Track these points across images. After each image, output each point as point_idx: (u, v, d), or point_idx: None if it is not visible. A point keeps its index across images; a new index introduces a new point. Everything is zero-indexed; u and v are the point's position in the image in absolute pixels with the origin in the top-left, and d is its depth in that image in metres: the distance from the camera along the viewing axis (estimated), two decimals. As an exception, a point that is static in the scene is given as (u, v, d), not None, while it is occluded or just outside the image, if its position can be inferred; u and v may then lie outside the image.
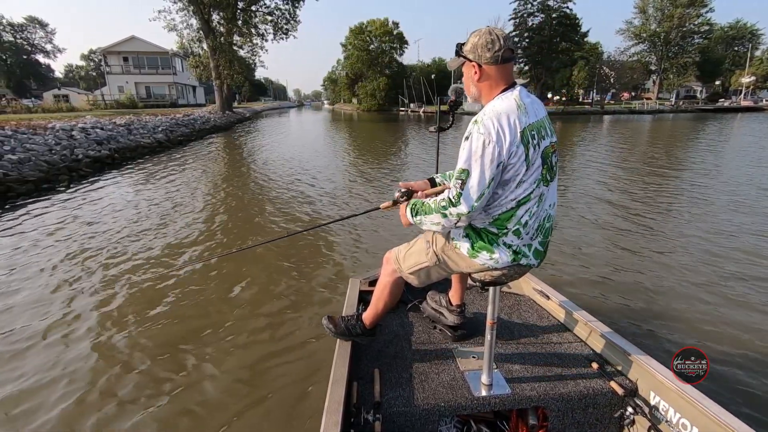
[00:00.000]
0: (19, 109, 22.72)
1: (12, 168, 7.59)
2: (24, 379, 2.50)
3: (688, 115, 40.59)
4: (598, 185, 7.97)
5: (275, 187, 8.08)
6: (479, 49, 1.35)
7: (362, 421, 1.50)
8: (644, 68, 53.92)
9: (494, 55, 1.33)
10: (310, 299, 3.52)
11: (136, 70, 40.77)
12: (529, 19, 47.42)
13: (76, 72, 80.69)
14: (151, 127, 16.11)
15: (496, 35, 1.34)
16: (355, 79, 60.31)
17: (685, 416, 1.48)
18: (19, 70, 55.21)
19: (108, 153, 10.97)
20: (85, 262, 4.25)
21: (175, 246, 4.72)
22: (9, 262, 4.24)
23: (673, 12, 48.96)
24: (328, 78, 78.18)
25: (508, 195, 1.36)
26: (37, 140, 9.59)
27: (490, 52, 1.33)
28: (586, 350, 1.96)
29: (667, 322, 3.09)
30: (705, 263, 4.15)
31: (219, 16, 28.27)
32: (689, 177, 8.66)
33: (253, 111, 45.29)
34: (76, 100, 37.37)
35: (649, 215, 5.88)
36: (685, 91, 59.20)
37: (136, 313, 3.26)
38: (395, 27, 57.59)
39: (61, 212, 6.10)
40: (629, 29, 53.70)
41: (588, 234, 5.12)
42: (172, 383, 2.47)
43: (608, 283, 3.75)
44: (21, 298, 3.51)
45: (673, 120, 32.30)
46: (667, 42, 50.91)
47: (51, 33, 58.94)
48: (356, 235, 5.12)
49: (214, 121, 24.23)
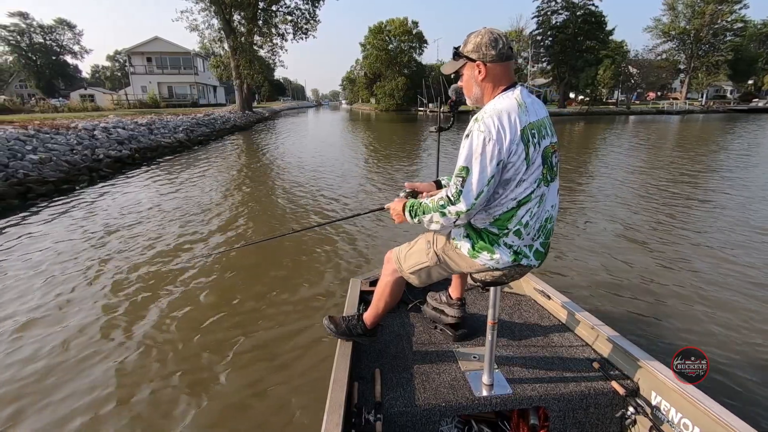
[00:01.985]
0: (46, 109, 23.30)
1: (33, 168, 7.54)
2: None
3: (719, 115, 39.13)
4: (612, 187, 7.78)
5: (289, 187, 7.84)
6: (483, 47, 1.35)
7: (363, 422, 1.49)
8: (673, 67, 52.04)
9: (499, 53, 1.34)
10: (310, 299, 3.49)
11: (159, 70, 41.46)
12: (552, 17, 46.39)
13: (102, 72, 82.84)
14: (172, 126, 16.15)
15: (498, 34, 1.35)
16: (374, 78, 60.04)
17: (686, 416, 1.46)
18: (49, 70, 56.91)
19: (129, 153, 10.94)
20: (101, 264, 4.06)
21: (178, 244, 4.64)
22: (41, 260, 4.09)
23: (704, 8, 47.11)
24: (347, 78, 78.18)
25: (509, 194, 1.36)
26: (59, 140, 9.58)
27: (495, 50, 1.34)
28: (587, 350, 1.95)
29: (669, 322, 3.08)
30: (707, 264, 4.11)
31: (240, 16, 28.44)
32: (712, 182, 8.15)
33: (272, 111, 45.54)
34: (101, 99, 38.33)
35: (660, 219, 5.73)
36: (714, 90, 56.97)
37: (136, 312, 3.23)
38: (414, 26, 57.12)
39: (79, 212, 5.95)
40: (657, 27, 51.93)
41: (589, 234, 5.12)
42: (172, 382, 2.46)
43: (610, 283, 3.73)
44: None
45: (704, 121, 30.99)
46: (698, 40, 49.02)
47: (79, 34, 60.61)
48: (359, 235, 5.09)
49: (234, 120, 24.30)
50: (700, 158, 11.52)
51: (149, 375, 2.52)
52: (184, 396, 2.35)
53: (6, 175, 6.88)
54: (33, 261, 4.27)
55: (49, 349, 2.79)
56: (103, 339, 2.92)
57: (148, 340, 2.88)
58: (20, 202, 6.47)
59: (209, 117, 21.96)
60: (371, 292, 1.97)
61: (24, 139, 8.70)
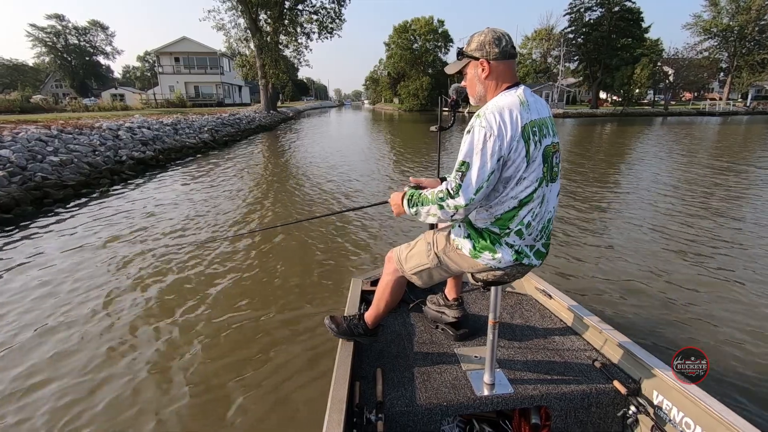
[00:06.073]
0: (78, 108, 23.59)
1: (52, 171, 7.16)
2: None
3: (766, 117, 36.65)
4: (628, 190, 7.39)
5: (313, 185, 7.22)
6: (487, 45, 1.35)
7: (365, 421, 1.47)
8: (714, 66, 49.29)
9: (503, 50, 1.34)
10: (311, 298, 3.46)
11: (186, 70, 41.96)
12: (586, 14, 44.66)
13: (132, 72, 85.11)
14: (197, 126, 15.86)
15: (501, 32, 1.36)
16: (398, 78, 59.33)
17: (688, 415, 1.44)
18: (82, 70, 58.77)
19: (153, 154, 10.58)
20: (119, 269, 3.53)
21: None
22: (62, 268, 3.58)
23: (750, 4, 44.44)
24: (370, 77, 77.80)
25: (509, 192, 1.34)
26: (82, 140, 9.24)
27: (498, 48, 1.34)
28: (588, 349, 1.93)
29: (671, 321, 3.06)
30: (710, 267, 4.07)
31: (266, 15, 28.28)
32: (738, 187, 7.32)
33: (295, 110, 45.48)
34: (130, 99, 39.06)
35: (671, 223, 5.59)
36: (755, 91, 53.75)
37: (139, 307, 3.27)
38: (440, 25, 56.19)
39: (92, 218, 5.48)
40: (697, 23, 49.29)
41: (591, 235, 5.10)
42: (171, 378, 2.46)
43: (611, 282, 3.71)
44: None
45: (751, 123, 28.95)
46: (742, 37, 46.28)
47: (111, 36, 62.42)
48: (362, 235, 5.05)
49: (259, 120, 24.05)
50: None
51: (150, 374, 2.52)
52: (183, 391, 2.35)
53: (23, 178, 6.49)
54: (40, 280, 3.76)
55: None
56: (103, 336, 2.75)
57: (149, 339, 2.88)
58: (34, 209, 6.01)
59: (234, 117, 21.71)
60: (372, 291, 1.97)
61: (45, 140, 8.37)
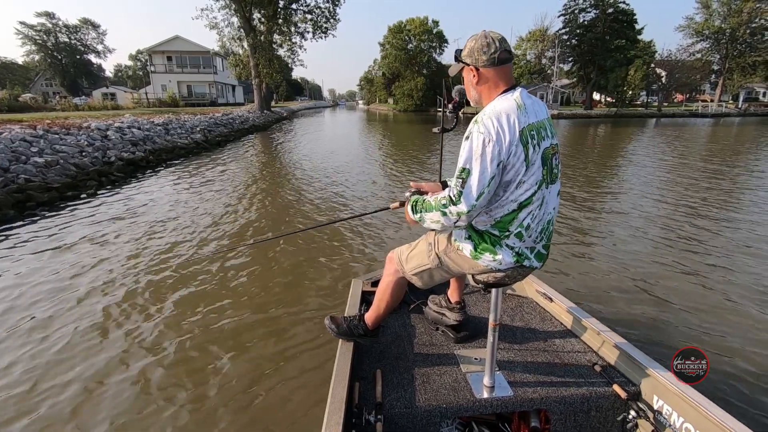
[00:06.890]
0: (67, 107, 23.13)
1: (36, 173, 6.90)
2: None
3: (758, 119, 36.98)
4: (627, 191, 7.40)
5: (312, 196, 7.04)
6: (475, 52, 1.35)
7: (364, 422, 1.47)
8: (707, 68, 49.68)
9: (490, 58, 1.34)
10: (312, 298, 3.47)
11: (179, 69, 41.44)
12: (580, 16, 44.77)
13: (124, 72, 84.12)
14: (189, 126, 15.59)
15: (491, 38, 1.35)
16: (392, 78, 59.18)
17: (688, 420, 1.43)
18: (73, 69, 57.79)
19: (143, 155, 10.32)
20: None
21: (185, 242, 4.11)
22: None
23: (741, 6, 44.85)
24: (365, 78, 77.57)
25: (509, 196, 1.34)
26: (69, 141, 8.97)
27: (486, 55, 1.34)
28: (588, 353, 1.92)
29: (671, 324, 3.07)
30: (711, 268, 4.07)
31: (260, 14, 27.99)
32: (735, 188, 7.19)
33: (289, 110, 45.14)
34: (122, 98, 38.46)
35: (667, 225, 5.60)
36: (746, 92, 54.28)
37: (140, 309, 3.27)
38: (435, 26, 56.14)
39: (77, 222, 5.27)
40: (690, 26, 49.65)
41: (592, 235, 5.12)
42: (170, 379, 2.46)
43: (612, 285, 3.71)
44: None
45: (743, 125, 29.17)
46: (734, 39, 46.68)
47: (102, 34, 61.37)
48: (362, 235, 5.07)
49: (252, 120, 23.76)
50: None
51: (149, 373, 2.53)
52: (183, 391, 2.35)
53: (5, 180, 6.23)
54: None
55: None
56: (102, 335, 2.91)
57: (150, 338, 2.88)
58: (16, 213, 5.77)
59: (227, 117, 21.41)
60: (373, 292, 1.95)
61: (30, 140, 8.09)
